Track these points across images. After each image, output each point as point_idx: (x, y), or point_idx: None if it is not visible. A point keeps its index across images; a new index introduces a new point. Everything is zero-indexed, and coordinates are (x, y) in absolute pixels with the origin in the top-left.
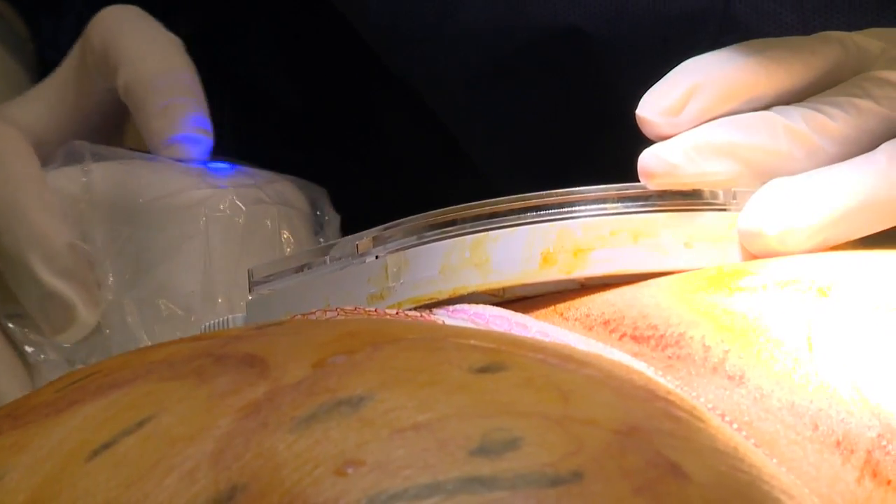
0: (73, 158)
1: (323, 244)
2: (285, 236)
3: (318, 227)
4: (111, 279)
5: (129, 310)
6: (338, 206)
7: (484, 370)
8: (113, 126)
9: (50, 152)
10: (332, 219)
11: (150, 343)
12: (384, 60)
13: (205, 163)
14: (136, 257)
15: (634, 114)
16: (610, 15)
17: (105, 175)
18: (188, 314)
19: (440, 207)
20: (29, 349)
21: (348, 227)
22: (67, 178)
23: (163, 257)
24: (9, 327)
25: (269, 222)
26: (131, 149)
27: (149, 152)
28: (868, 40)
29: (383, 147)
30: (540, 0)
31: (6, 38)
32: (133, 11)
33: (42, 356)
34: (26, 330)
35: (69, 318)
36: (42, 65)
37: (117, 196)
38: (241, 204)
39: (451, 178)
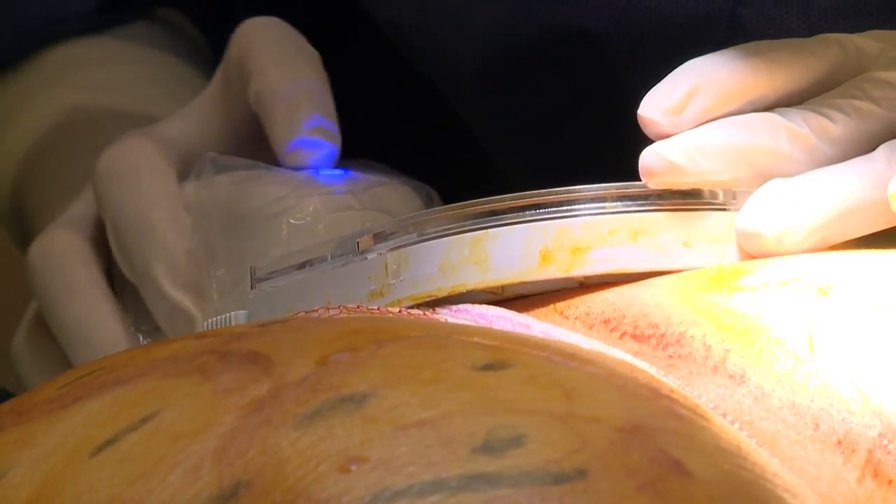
0: (200, 171)
1: (324, 241)
2: None
3: None
4: (217, 289)
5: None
6: None
7: (487, 367)
8: (265, 140)
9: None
10: None
11: None
12: (402, 51)
13: (316, 171)
14: (236, 268)
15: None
16: (618, 19)
17: (220, 187)
18: None
19: (439, 207)
20: None
21: None
22: (192, 192)
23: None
24: (139, 340)
25: (351, 229)
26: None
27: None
28: (867, 41)
29: (393, 143)
30: (551, 2)
31: (183, 48)
32: (271, 23)
33: None
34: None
35: (191, 330)
36: None
37: (225, 208)
38: (325, 211)
39: (462, 178)
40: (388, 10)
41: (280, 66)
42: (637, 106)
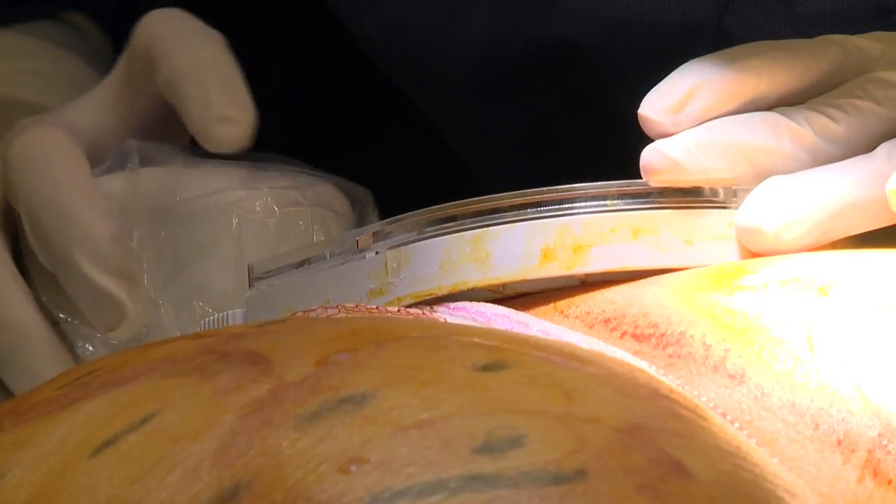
0: (122, 159)
1: (323, 240)
2: (318, 239)
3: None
4: (149, 278)
5: (164, 310)
6: None
7: (487, 368)
8: (171, 127)
9: (106, 153)
10: (372, 220)
11: None
12: (382, 68)
13: (251, 161)
14: (172, 257)
15: (630, 125)
16: (605, 29)
17: (149, 176)
18: None
19: (439, 205)
20: (80, 343)
21: None
22: (116, 181)
23: (197, 257)
24: (60, 318)
25: (302, 224)
26: (185, 147)
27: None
28: (868, 42)
29: (380, 147)
30: (537, 13)
31: (86, 49)
32: (174, 14)
33: (91, 349)
34: (77, 323)
35: (120, 315)
36: None
37: (158, 196)
38: (274, 206)
39: (447, 180)
40: (366, 27)
41: (187, 49)
42: (625, 115)
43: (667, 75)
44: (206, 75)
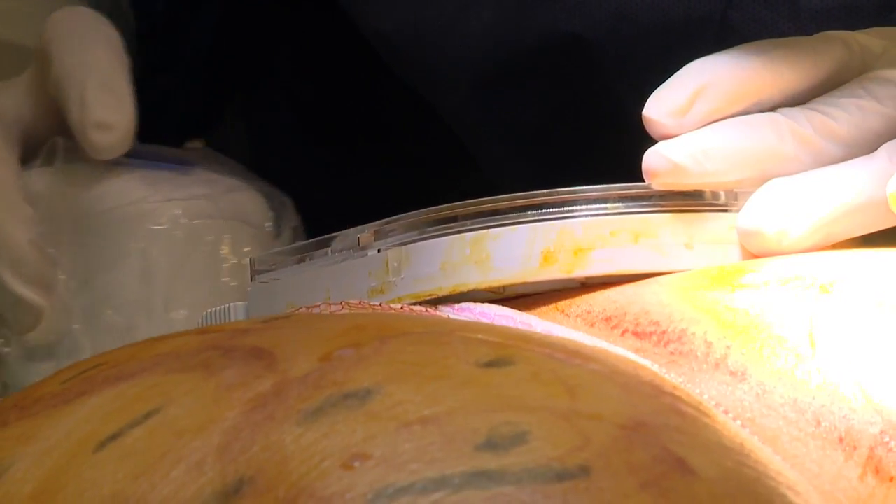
0: (50, 156)
1: (325, 236)
2: (224, 251)
3: (273, 240)
4: (65, 283)
5: (75, 317)
6: (341, 200)
7: (491, 364)
8: None
9: (40, 142)
10: (288, 231)
11: (92, 352)
12: (391, 65)
13: (174, 166)
14: (86, 264)
15: (634, 120)
16: (610, 24)
17: (73, 178)
18: (130, 324)
19: (440, 205)
20: None
21: (354, 222)
22: (38, 179)
23: (107, 266)
24: None
25: (210, 237)
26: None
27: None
28: (870, 39)
29: (388, 143)
30: (542, 8)
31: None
32: (76, 13)
33: (6, 349)
34: None
35: (35, 319)
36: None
37: (80, 200)
38: (183, 218)
39: (454, 176)
40: (376, 23)
41: (74, 49)
42: (631, 111)
43: (671, 71)
44: (87, 77)
